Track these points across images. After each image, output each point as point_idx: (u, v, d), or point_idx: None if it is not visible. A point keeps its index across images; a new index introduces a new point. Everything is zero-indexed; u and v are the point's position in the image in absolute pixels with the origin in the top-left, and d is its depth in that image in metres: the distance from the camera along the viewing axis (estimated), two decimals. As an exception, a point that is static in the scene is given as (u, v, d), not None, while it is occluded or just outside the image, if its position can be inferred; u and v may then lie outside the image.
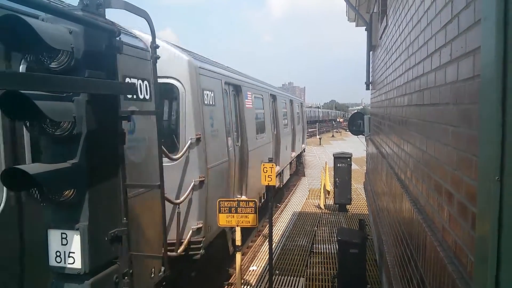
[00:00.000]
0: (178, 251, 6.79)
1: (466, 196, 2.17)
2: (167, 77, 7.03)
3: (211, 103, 8.14)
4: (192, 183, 7.09)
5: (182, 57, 7.37)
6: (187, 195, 6.97)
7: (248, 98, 11.45)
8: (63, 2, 4.43)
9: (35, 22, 2.64)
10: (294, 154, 20.62)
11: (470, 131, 2.13)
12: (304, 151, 28.44)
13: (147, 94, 5.40)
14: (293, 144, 20.44)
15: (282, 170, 16.44)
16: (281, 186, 17.21)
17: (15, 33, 2.57)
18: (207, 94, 8.02)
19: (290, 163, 19.68)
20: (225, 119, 8.96)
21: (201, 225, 7.26)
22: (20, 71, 3.43)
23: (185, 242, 6.98)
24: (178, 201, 6.83)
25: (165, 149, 5.89)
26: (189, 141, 7.11)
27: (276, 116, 15.87)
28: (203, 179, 7.29)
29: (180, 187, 7.12)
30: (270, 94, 15.27)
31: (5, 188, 3.17)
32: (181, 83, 7.20)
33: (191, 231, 7.13)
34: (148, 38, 4.58)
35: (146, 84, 5.35)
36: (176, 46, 7.65)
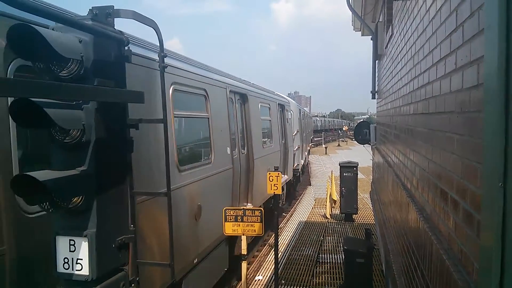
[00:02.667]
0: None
1: (471, 204, 2.18)
2: (290, 110, 18.19)
3: (299, 118, 21.78)
4: (296, 148, 19.05)
5: (292, 102, 20.88)
6: (295, 151, 18.53)
7: (301, 114, 24.25)
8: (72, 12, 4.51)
9: (46, 32, 2.68)
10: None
11: (475, 139, 2.14)
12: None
13: (289, 116, 18.25)
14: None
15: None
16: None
17: (26, 42, 2.62)
18: (298, 116, 21.61)
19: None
20: (298, 126, 21.29)
21: (298, 163, 20.13)
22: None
23: (293, 170, 18.26)
24: (294, 150, 18.44)
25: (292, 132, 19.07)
26: (295, 132, 19.35)
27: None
28: (299, 147, 20.15)
29: (293, 147, 17.90)
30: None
31: None
32: (293, 112, 19.33)
33: (295, 164, 19.14)
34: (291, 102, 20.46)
35: (287, 112, 17.69)
36: (291, 99, 21.60)
